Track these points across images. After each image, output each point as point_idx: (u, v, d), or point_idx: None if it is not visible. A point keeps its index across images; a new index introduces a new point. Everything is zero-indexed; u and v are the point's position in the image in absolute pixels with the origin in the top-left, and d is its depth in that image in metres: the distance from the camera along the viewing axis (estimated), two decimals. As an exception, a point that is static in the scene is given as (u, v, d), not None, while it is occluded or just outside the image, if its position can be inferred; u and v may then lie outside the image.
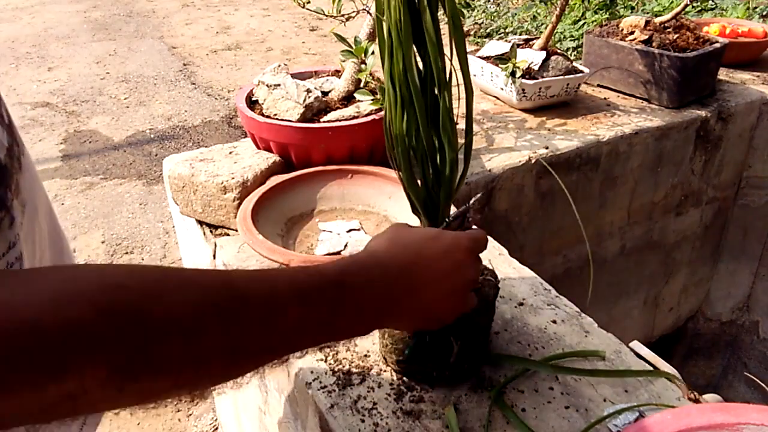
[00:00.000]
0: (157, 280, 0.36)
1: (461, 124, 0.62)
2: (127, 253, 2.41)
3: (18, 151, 0.47)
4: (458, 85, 0.59)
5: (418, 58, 0.58)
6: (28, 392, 0.30)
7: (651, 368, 0.69)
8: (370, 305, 0.47)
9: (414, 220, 0.67)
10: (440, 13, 0.57)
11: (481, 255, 0.58)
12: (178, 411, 1.77)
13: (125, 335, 0.32)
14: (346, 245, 0.87)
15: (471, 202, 0.62)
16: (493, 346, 0.72)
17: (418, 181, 0.64)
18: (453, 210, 0.65)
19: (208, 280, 0.38)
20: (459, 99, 0.60)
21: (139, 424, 1.72)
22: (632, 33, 1.46)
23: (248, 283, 0.40)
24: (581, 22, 2.96)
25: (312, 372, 0.69)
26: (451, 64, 0.58)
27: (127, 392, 0.33)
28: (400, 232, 0.54)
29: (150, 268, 0.37)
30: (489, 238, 0.93)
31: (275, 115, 1.01)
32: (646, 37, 1.42)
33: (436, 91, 0.59)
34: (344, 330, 0.47)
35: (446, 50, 0.58)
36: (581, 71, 1.38)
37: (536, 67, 1.34)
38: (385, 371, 0.69)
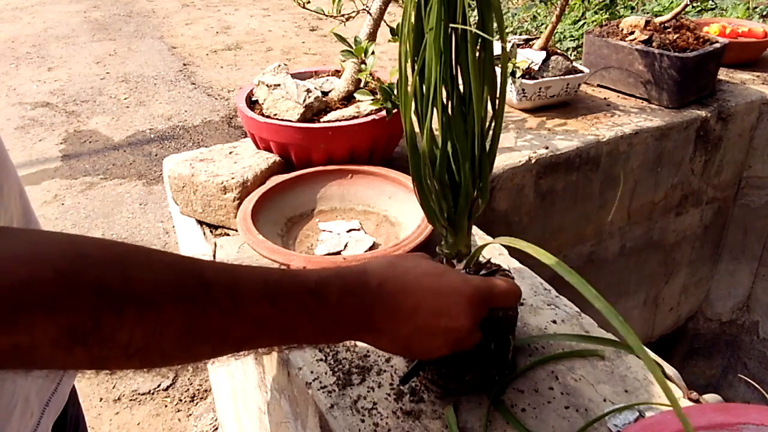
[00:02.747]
0: (122, 254, 0.38)
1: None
2: (127, 253, 2.41)
3: None
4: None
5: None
6: None
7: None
8: (344, 320, 0.47)
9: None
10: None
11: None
12: (178, 411, 1.77)
13: (79, 299, 0.34)
14: (346, 245, 0.87)
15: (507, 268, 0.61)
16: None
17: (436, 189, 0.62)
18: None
19: (175, 263, 0.40)
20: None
21: (139, 424, 1.72)
22: (632, 33, 1.46)
23: (215, 274, 0.41)
24: (581, 22, 2.95)
25: (312, 372, 0.69)
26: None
27: (78, 355, 0.35)
28: (405, 259, 0.54)
29: (119, 244, 0.39)
30: (489, 238, 0.93)
31: (275, 115, 1.01)
32: (646, 37, 1.42)
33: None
34: (313, 337, 0.47)
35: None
36: (581, 71, 1.38)
37: (536, 67, 1.34)
38: (385, 371, 0.69)
